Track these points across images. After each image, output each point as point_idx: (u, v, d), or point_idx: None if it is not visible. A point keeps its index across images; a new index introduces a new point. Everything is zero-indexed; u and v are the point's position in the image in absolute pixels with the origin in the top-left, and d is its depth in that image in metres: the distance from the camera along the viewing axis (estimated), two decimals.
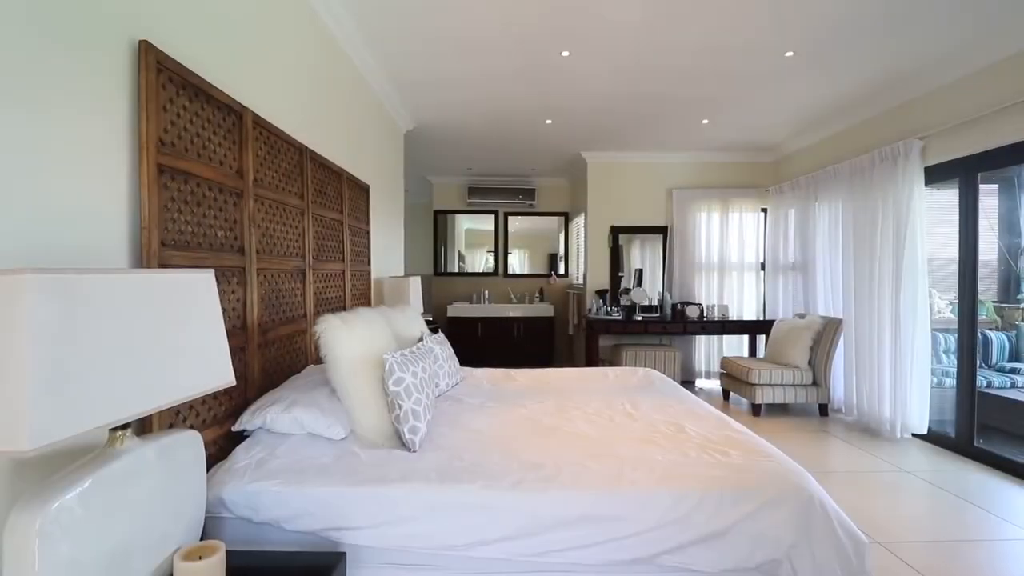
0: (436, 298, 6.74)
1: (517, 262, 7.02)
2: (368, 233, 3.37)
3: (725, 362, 4.76)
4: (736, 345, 5.64)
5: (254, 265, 1.89)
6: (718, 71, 3.45)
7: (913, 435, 3.72)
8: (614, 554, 1.40)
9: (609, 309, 5.31)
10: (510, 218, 6.86)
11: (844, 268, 4.28)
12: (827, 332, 4.27)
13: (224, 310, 1.69)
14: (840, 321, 4.24)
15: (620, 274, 5.76)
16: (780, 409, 4.51)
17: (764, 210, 5.58)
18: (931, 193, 3.79)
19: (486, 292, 6.56)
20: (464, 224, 7.00)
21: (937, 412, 3.74)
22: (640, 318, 5.15)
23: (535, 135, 4.88)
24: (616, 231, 5.66)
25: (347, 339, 1.84)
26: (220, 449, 1.68)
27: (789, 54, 3.20)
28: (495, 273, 6.85)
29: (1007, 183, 5.07)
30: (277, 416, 1.69)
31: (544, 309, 6.31)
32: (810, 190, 4.77)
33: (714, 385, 5.42)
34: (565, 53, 3.18)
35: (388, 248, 4.02)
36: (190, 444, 1.14)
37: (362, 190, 3.26)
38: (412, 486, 1.47)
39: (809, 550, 1.39)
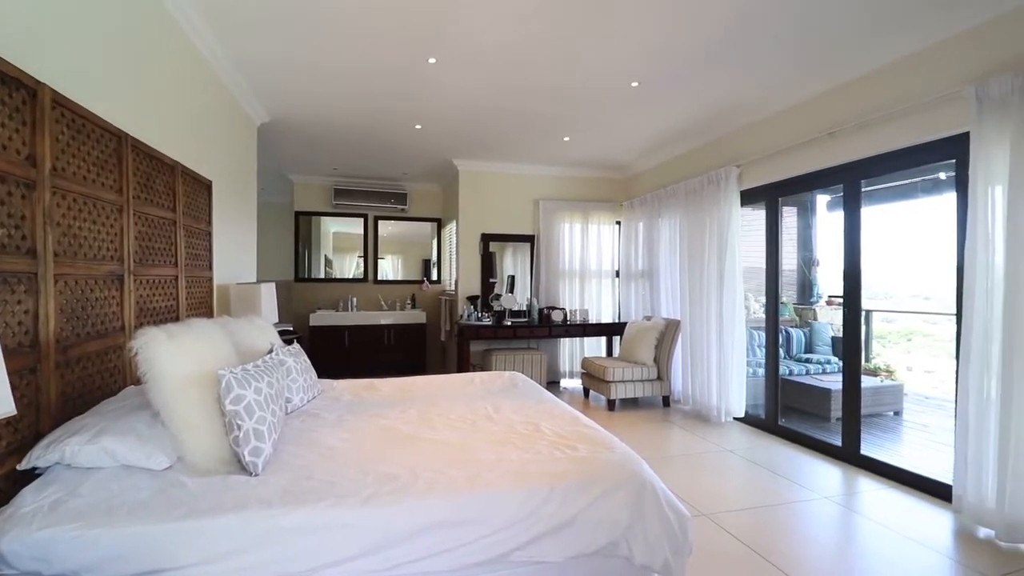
0: (298, 306, 6.28)
1: (390, 268, 6.83)
2: (210, 235, 3.03)
3: (585, 362, 5.11)
4: (596, 346, 6.09)
5: (50, 270, 1.59)
6: (576, 94, 3.71)
7: (734, 419, 4.33)
8: (467, 557, 1.42)
9: (480, 315, 5.40)
10: (381, 222, 6.66)
11: (681, 275, 4.86)
12: (668, 332, 4.81)
13: (4, 324, 1.41)
14: (679, 322, 4.80)
15: (492, 280, 5.90)
16: (632, 403, 4.97)
17: (619, 223, 6.12)
18: (747, 212, 4.47)
19: (354, 299, 6.28)
20: (331, 227, 6.64)
21: (752, 398, 4.41)
22: (510, 323, 5.32)
23: (405, 139, 4.80)
24: (487, 238, 5.79)
25: (173, 354, 1.63)
26: (1, 494, 1.38)
27: (635, 84, 3.56)
28: (364, 279, 6.59)
29: (803, 206, 6.19)
30: (80, 448, 1.44)
31: (416, 316, 6.22)
32: (655, 206, 5.34)
33: (577, 384, 5.79)
34: (432, 60, 3.18)
35: (236, 251, 3.65)
36: None
37: (202, 186, 2.92)
38: (249, 513, 1.34)
39: (642, 529, 1.55)
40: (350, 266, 6.70)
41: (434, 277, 6.81)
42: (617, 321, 5.94)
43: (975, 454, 2.47)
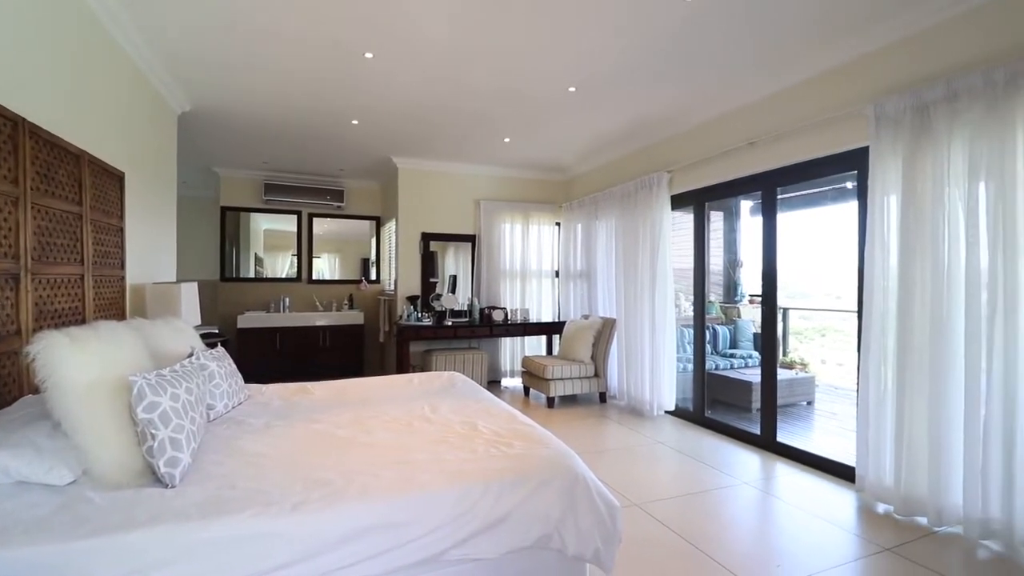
0: (224, 307, 5.93)
1: (326, 267, 6.60)
2: (122, 230, 2.80)
3: (525, 361, 5.18)
4: (536, 345, 6.18)
5: None
6: (514, 96, 3.75)
7: (666, 412, 4.54)
8: (402, 559, 1.41)
9: (420, 315, 5.34)
10: (316, 220, 6.42)
11: (617, 276, 5.03)
12: (605, 330, 4.96)
13: None
14: (614, 320, 4.96)
15: (434, 280, 5.84)
16: (571, 400, 5.08)
17: (558, 224, 6.25)
18: (677, 216, 4.69)
19: (287, 299, 6.01)
20: (262, 224, 6.32)
21: (682, 392, 4.63)
22: (450, 323, 5.30)
23: (342, 135, 4.66)
24: (428, 238, 5.73)
25: (77, 359, 1.50)
26: None
27: (572, 89, 3.64)
28: (298, 279, 6.32)
29: (728, 211, 6.58)
30: None
31: (354, 317, 6.05)
32: (592, 208, 5.49)
33: (518, 383, 5.86)
34: (369, 55, 3.11)
35: (153, 249, 3.40)
36: None
37: (114, 177, 2.70)
38: (164, 527, 1.26)
39: (574, 521, 1.60)
40: (283, 265, 6.41)
41: (373, 277, 6.65)
42: (557, 320, 6.05)
43: (875, 438, 2.73)
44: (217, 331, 5.71)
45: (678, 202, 4.46)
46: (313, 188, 6.22)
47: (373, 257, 6.70)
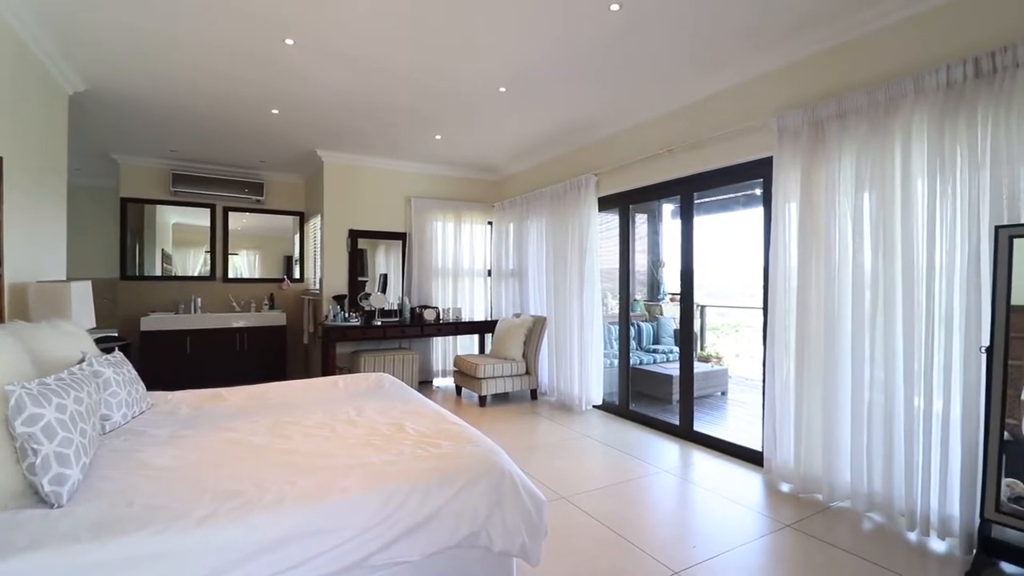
0: (126, 309, 5.42)
1: (245, 265, 6.20)
2: None
3: (457, 360, 5.15)
4: (469, 344, 6.17)
5: None
6: (445, 93, 3.72)
7: (594, 406, 4.69)
8: (321, 568, 1.36)
9: (348, 315, 5.16)
10: (233, 214, 6.01)
11: (548, 275, 5.12)
12: (536, 328, 5.05)
13: None
14: (545, 319, 5.06)
15: (363, 279, 5.67)
16: (503, 398, 5.12)
17: (490, 223, 6.27)
18: (604, 218, 4.86)
19: (199, 300, 5.59)
20: (171, 217, 5.83)
21: (609, 386, 4.81)
22: (380, 323, 5.16)
23: (261, 124, 4.40)
24: (356, 235, 5.55)
25: None
26: None
27: (503, 89, 3.67)
28: (212, 277, 5.90)
29: (652, 214, 6.90)
30: None
31: (275, 317, 5.74)
32: (524, 208, 5.56)
33: (450, 383, 5.81)
34: (289, 41, 2.96)
35: (38, 243, 3.04)
36: None
37: None
38: (48, 551, 1.14)
39: (501, 517, 1.61)
40: (195, 263, 5.95)
41: (296, 275, 6.34)
42: (489, 319, 6.07)
43: (779, 424, 2.97)
44: (116, 335, 5.23)
45: (605, 204, 4.61)
46: (229, 180, 5.83)
47: (297, 254, 6.38)
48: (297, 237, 6.36)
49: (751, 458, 3.29)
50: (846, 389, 2.65)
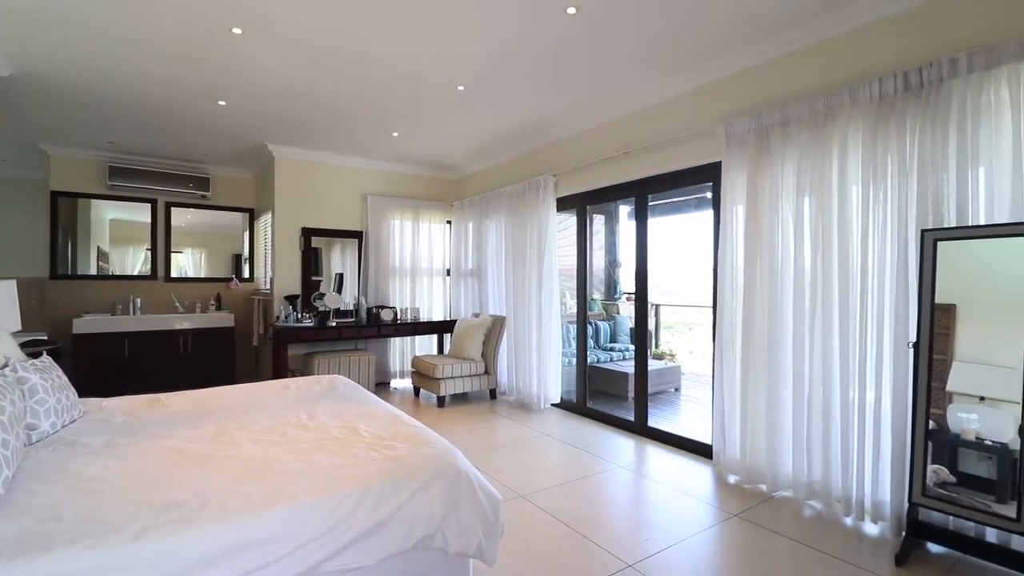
0: (56, 310, 5.06)
1: (190, 263, 5.90)
2: None
3: (415, 361, 5.09)
4: (427, 344, 6.10)
5: None
6: (402, 90, 3.66)
7: (552, 405, 4.73)
8: None
9: (300, 316, 5.00)
10: (176, 210, 5.71)
11: (507, 274, 5.14)
12: (495, 328, 5.05)
13: None
14: (504, 318, 5.07)
15: (318, 278, 5.51)
16: (462, 398, 5.10)
17: (449, 222, 6.22)
18: (563, 218, 4.91)
19: (138, 300, 5.29)
20: (107, 213, 5.48)
21: (567, 384, 4.87)
22: (334, 323, 5.03)
23: (206, 116, 4.20)
24: (309, 233, 5.38)
25: None
26: None
27: (461, 88, 3.64)
28: (153, 276, 5.58)
29: (609, 215, 7.03)
30: None
31: (222, 319, 5.49)
32: (483, 208, 5.55)
33: (408, 384, 5.73)
34: (237, 31, 2.84)
35: None
36: None
37: None
38: None
39: (457, 517, 1.61)
40: (134, 261, 5.62)
41: (246, 274, 6.09)
42: (448, 319, 6.03)
43: (726, 418, 3.09)
44: (45, 338, 4.87)
45: (563, 205, 4.67)
46: (172, 174, 5.53)
47: (246, 253, 6.13)
48: (246, 235, 6.11)
49: (702, 451, 3.41)
50: (788, 384, 2.78)
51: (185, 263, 5.87)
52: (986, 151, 2.13)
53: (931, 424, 2.17)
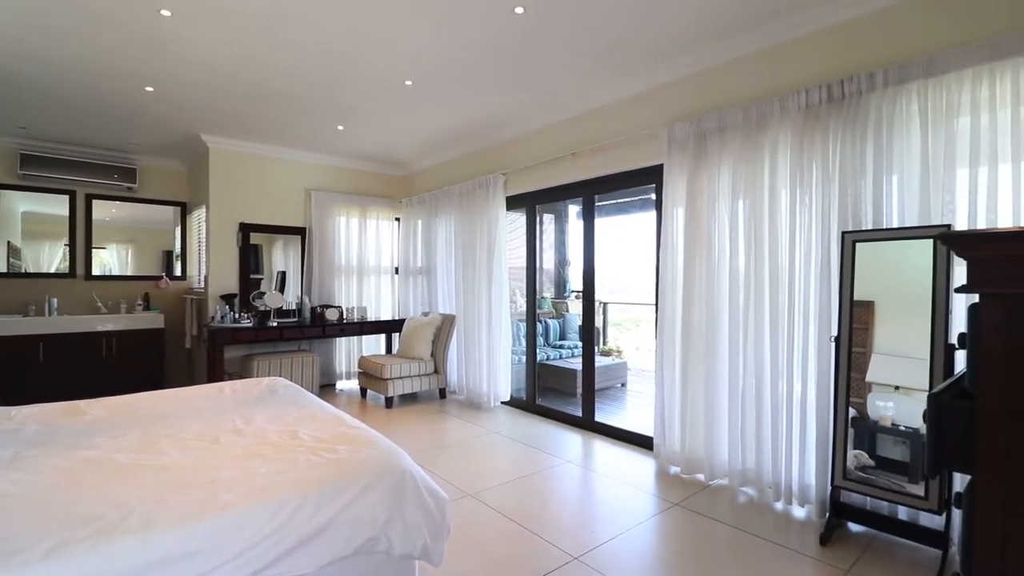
0: None
1: (115, 261, 5.49)
2: None
3: (362, 361, 4.97)
4: (375, 344, 5.97)
5: None
6: (347, 83, 3.56)
7: (502, 403, 4.75)
8: None
9: (238, 316, 4.76)
10: (98, 202, 5.29)
11: (456, 272, 5.11)
12: (444, 326, 5.01)
13: None
14: (454, 317, 5.04)
15: (259, 276, 5.26)
16: (411, 399, 5.02)
17: (398, 219, 6.11)
18: (513, 217, 4.93)
19: (55, 300, 4.87)
20: (19, 204, 5.00)
21: (517, 382, 4.90)
22: (276, 324, 4.83)
23: (132, 102, 3.92)
24: (247, 228, 5.13)
25: None
26: None
27: (409, 83, 3.58)
28: (71, 274, 5.16)
29: (559, 214, 7.13)
30: None
31: (151, 319, 5.14)
32: (433, 205, 5.49)
33: (355, 385, 5.59)
34: (165, 12, 2.67)
35: None
36: None
37: None
38: None
39: (401, 520, 1.58)
40: (51, 257, 5.16)
41: (177, 272, 5.73)
42: (397, 318, 5.92)
43: (667, 411, 3.21)
44: None
45: (513, 203, 4.69)
46: (94, 164, 5.12)
47: (178, 249, 5.77)
48: (178, 230, 5.75)
49: (645, 444, 3.52)
50: (724, 377, 2.92)
51: (109, 260, 5.46)
52: (899, 159, 2.32)
53: (853, 412, 2.34)
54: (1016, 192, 2.00)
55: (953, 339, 2.06)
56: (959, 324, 2.11)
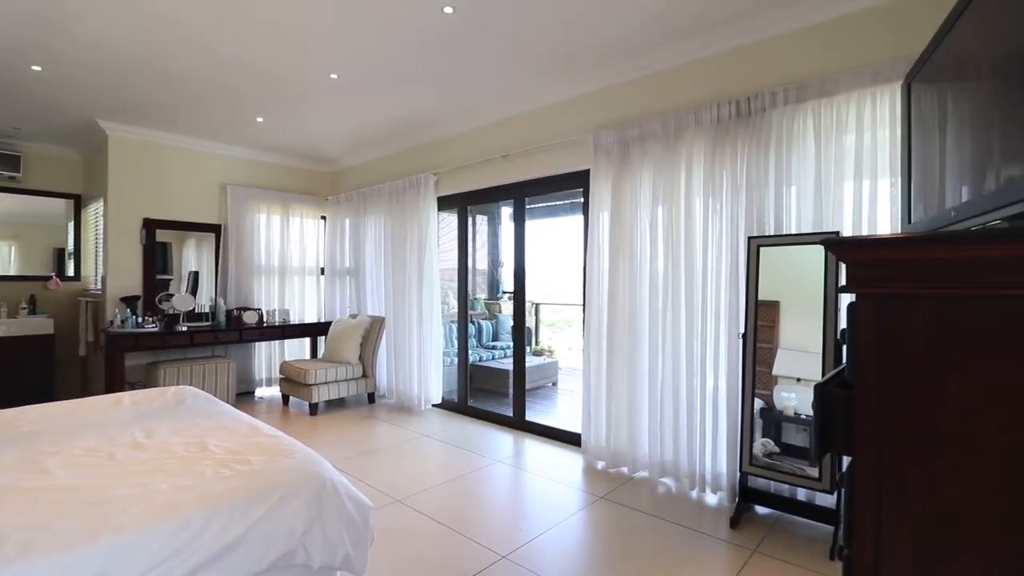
0: None
1: None
2: None
3: (284, 367, 4.73)
4: (299, 349, 5.70)
5: None
6: (267, 71, 3.37)
7: (433, 405, 4.69)
8: None
9: (141, 320, 4.37)
10: None
11: (386, 273, 4.99)
12: (373, 329, 4.87)
13: None
14: (383, 319, 4.92)
15: (167, 277, 4.86)
16: (338, 404, 4.84)
17: (324, 217, 5.87)
18: (445, 217, 4.89)
19: None
20: None
21: (449, 384, 4.86)
22: (185, 328, 4.48)
23: (15, 82, 3.49)
24: (153, 224, 4.73)
25: None
26: None
27: (334, 76, 3.46)
28: None
29: (491, 216, 7.15)
30: None
31: (38, 325, 4.60)
32: (361, 204, 5.33)
33: (276, 392, 5.30)
34: None
35: None
36: None
37: None
38: None
39: (321, 530, 1.52)
40: None
41: (70, 272, 5.17)
42: (323, 321, 5.68)
43: (593, 408, 3.31)
44: None
45: (445, 204, 4.65)
46: None
47: (71, 247, 5.21)
48: (71, 225, 5.19)
49: (574, 441, 3.61)
50: (645, 374, 3.07)
51: None
52: (796, 171, 2.54)
53: (761, 403, 2.54)
54: (893, 203, 2.25)
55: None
56: (844, 321, 2.35)
